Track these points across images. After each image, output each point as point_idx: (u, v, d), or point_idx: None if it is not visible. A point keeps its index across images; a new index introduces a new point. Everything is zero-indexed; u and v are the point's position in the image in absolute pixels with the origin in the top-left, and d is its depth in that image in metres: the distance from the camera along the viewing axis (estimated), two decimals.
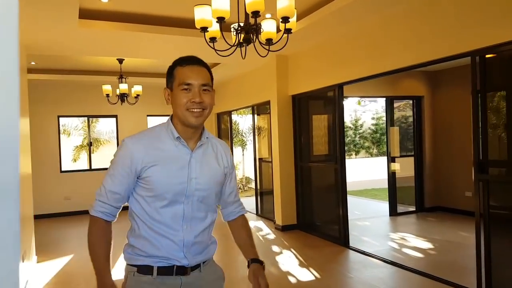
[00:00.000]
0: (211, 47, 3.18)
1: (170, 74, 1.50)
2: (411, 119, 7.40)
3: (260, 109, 7.62)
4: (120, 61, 6.72)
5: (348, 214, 5.15)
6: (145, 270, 1.40)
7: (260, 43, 3.17)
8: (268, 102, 6.58)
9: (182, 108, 1.42)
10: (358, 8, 4.08)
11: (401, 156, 7.12)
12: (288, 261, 4.52)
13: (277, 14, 2.93)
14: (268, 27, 3.17)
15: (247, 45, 3.18)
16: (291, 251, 4.89)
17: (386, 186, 11.46)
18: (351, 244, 5.08)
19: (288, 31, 3.07)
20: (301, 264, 4.38)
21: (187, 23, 4.67)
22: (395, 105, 7.45)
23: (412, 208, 7.20)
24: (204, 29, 3.01)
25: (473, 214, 6.65)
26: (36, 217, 8.25)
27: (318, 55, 5.42)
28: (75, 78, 7.66)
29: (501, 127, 3.69)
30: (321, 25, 4.61)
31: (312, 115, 6.10)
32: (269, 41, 3.22)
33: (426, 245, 4.98)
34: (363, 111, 19.09)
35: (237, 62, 6.51)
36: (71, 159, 10.27)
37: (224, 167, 1.55)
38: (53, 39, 4.82)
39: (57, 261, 4.91)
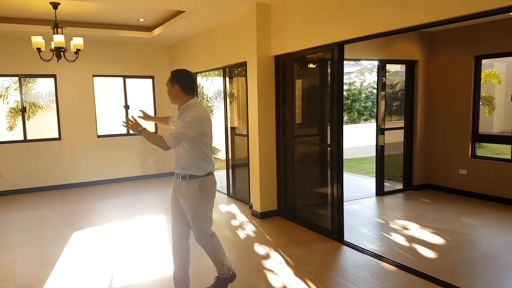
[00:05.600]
0: None
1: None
2: (398, 87, 6.58)
3: (233, 71, 6.44)
4: (55, 5, 5.20)
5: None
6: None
7: None
8: (244, 64, 5.42)
9: None
10: None
11: (390, 129, 6.31)
12: (279, 270, 3.59)
13: None
14: None
15: None
16: (279, 252, 3.98)
17: (359, 156, 11.07)
18: (346, 237, 4.26)
19: None
20: (296, 273, 3.48)
21: None
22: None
23: (399, 186, 6.53)
24: None
25: (467, 194, 6.25)
26: None
27: (311, 2, 4.29)
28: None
29: None
30: None
31: (299, 81, 5.04)
32: None
33: (432, 238, 4.26)
34: None
35: (206, 11, 5.23)
36: (5, 127, 8.67)
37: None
38: None
39: None
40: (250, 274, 3.49)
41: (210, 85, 10.74)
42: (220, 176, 7.41)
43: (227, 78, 6.43)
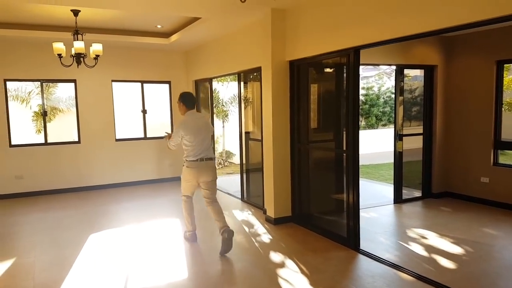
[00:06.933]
0: None
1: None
2: (417, 92, 6.44)
3: (247, 76, 6.45)
4: (75, 13, 5.33)
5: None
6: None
7: None
8: (258, 69, 5.42)
9: None
10: None
11: (408, 135, 6.19)
12: (294, 277, 3.55)
13: None
14: None
15: None
16: (293, 259, 3.93)
17: (377, 162, 10.89)
18: (362, 246, 4.18)
19: None
20: (310, 282, 3.43)
21: None
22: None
23: (418, 194, 6.38)
24: None
25: (488, 203, 6.06)
26: None
27: (326, 8, 4.26)
28: (22, 34, 6.20)
29: None
30: None
31: (314, 86, 5.00)
32: None
33: (452, 248, 4.14)
34: None
35: (222, 17, 5.27)
36: (34, 131, 8.88)
37: None
38: None
39: None
40: (264, 282, 3.46)
41: (226, 90, 10.80)
42: (234, 181, 7.47)
43: (242, 83, 6.44)
